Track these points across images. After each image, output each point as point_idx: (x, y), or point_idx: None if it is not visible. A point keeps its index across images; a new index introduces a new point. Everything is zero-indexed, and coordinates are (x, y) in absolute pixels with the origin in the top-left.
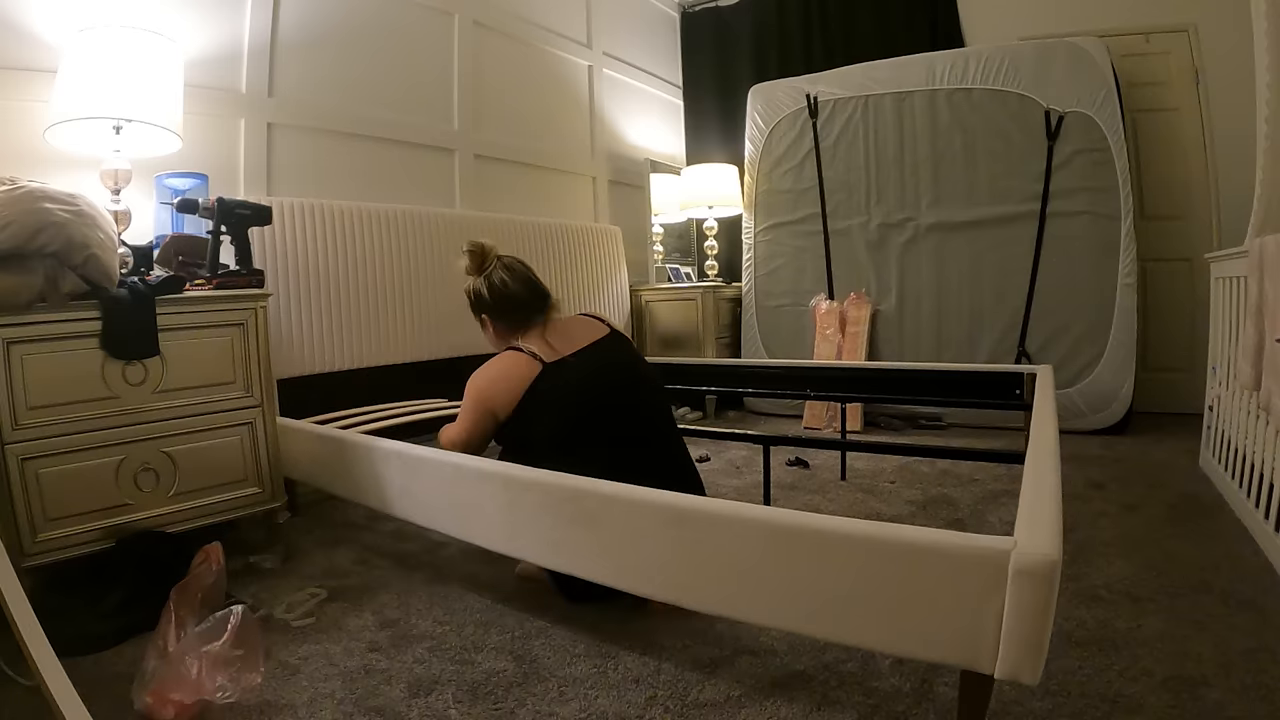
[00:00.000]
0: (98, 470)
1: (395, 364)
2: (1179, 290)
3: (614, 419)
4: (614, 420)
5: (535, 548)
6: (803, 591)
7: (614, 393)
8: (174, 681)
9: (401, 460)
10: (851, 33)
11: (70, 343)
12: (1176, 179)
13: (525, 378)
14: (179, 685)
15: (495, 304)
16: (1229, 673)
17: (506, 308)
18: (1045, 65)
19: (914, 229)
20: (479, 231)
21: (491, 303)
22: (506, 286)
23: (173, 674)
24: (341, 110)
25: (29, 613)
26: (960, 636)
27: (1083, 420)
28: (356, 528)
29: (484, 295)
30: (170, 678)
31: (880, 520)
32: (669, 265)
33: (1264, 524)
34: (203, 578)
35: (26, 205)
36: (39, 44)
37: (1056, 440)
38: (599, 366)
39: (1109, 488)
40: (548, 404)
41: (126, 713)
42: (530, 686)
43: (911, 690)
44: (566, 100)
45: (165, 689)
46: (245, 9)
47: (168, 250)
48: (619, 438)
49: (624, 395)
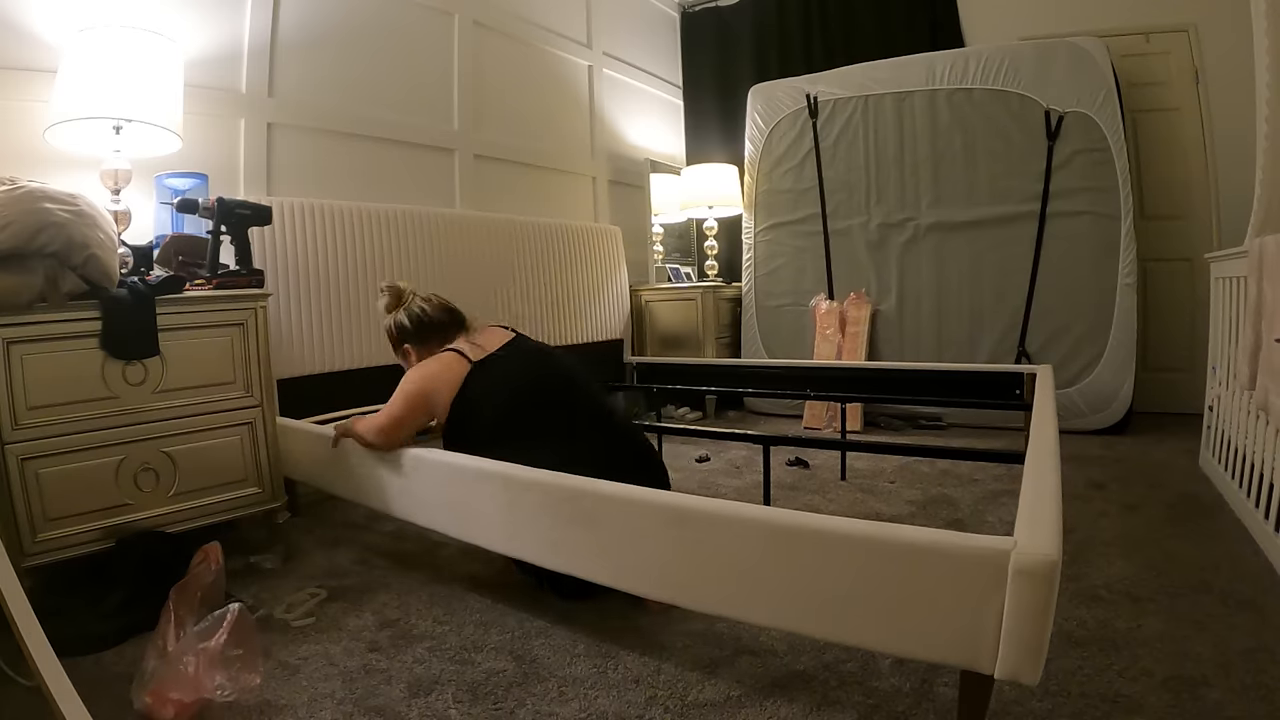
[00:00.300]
0: (98, 470)
1: (395, 364)
2: (1179, 290)
3: (550, 405)
4: (552, 407)
5: (535, 548)
6: (803, 591)
7: (544, 379)
8: (173, 681)
9: (401, 460)
10: (851, 33)
11: (70, 343)
12: (1176, 179)
13: (460, 375)
14: (178, 684)
15: (416, 330)
16: (1229, 673)
17: (426, 333)
18: (1045, 65)
19: (914, 229)
20: (479, 231)
21: (413, 330)
22: (425, 314)
23: (171, 673)
24: (341, 110)
25: (29, 613)
26: (960, 636)
27: (1083, 420)
28: (356, 528)
29: (405, 325)
30: (169, 677)
31: (880, 520)
32: (669, 265)
33: (1264, 524)
34: (202, 577)
35: (27, 205)
36: (39, 44)
37: (1056, 440)
38: (522, 358)
39: (1109, 488)
40: (482, 397)
41: (126, 713)
42: (530, 686)
43: (911, 690)
44: (566, 100)
45: (164, 688)
46: (245, 9)
47: (168, 250)
48: (559, 424)
49: (554, 380)
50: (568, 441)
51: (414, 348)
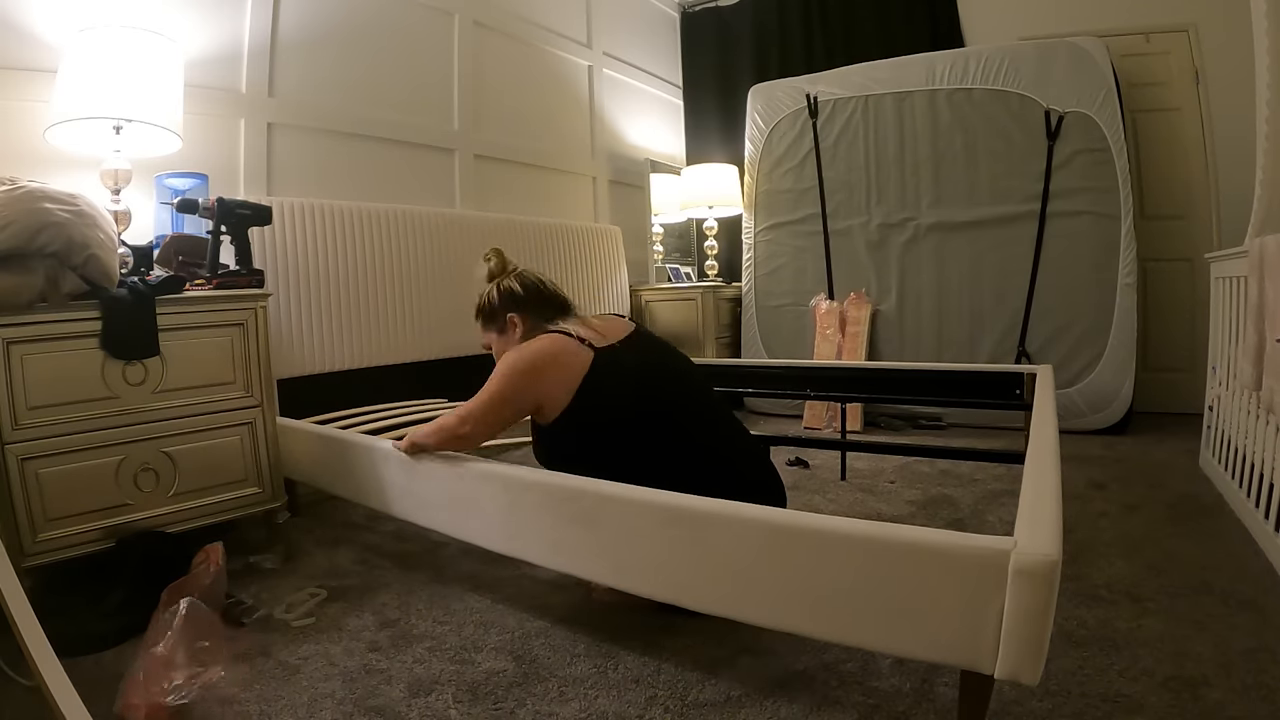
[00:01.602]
0: (98, 470)
1: (395, 364)
2: (1179, 290)
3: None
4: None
5: (535, 548)
6: (803, 591)
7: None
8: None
9: (401, 460)
10: (852, 33)
11: (70, 343)
12: (1176, 179)
13: (583, 361)
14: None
15: (529, 297)
16: (1229, 673)
17: (541, 304)
18: (1045, 65)
19: (914, 229)
20: (479, 231)
21: (525, 296)
22: (540, 282)
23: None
24: (341, 110)
25: (29, 613)
26: (960, 636)
27: (1083, 420)
28: (356, 528)
29: (517, 291)
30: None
31: (880, 520)
32: (669, 265)
33: (1264, 524)
34: (200, 578)
35: (27, 205)
36: (39, 44)
37: (1056, 440)
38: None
39: (1109, 488)
40: (608, 393)
41: None
42: (530, 686)
43: (911, 690)
44: (566, 100)
45: (130, 693)
46: (245, 9)
47: (168, 250)
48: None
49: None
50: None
51: (522, 319)
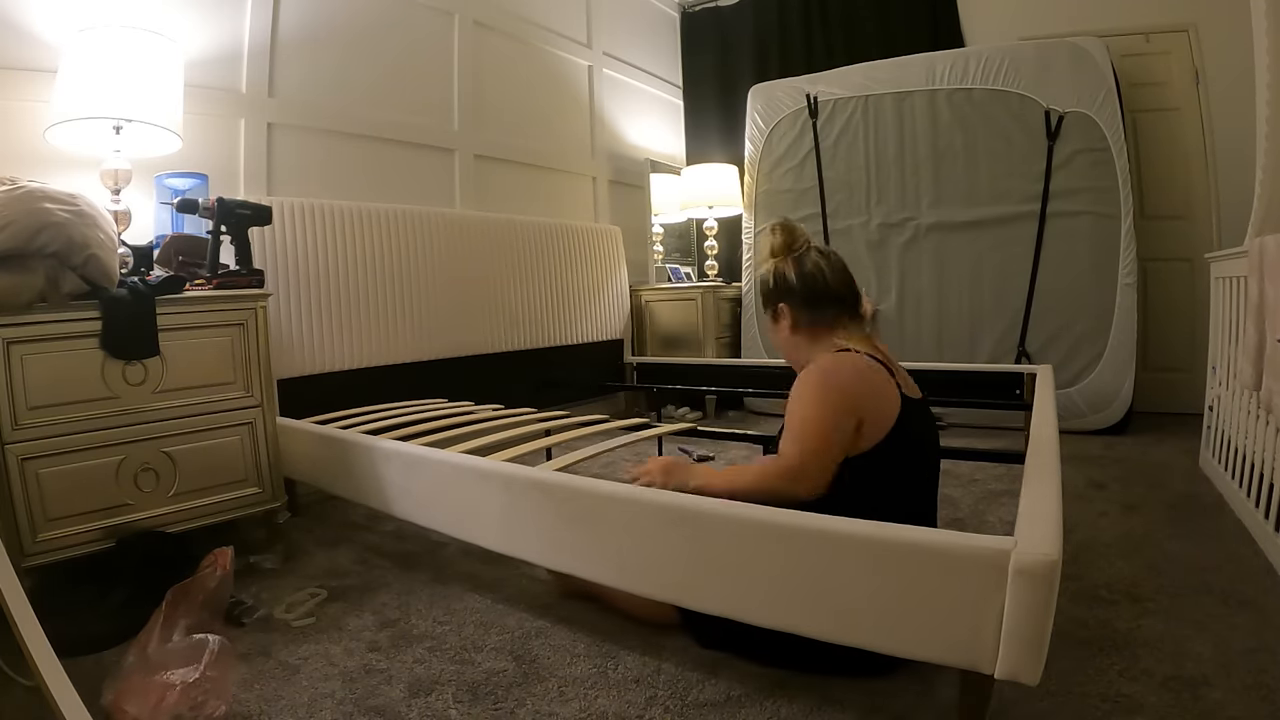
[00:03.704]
0: (98, 470)
1: (395, 364)
2: (1179, 290)
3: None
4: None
5: (535, 548)
6: (803, 591)
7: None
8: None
9: (401, 460)
10: (852, 32)
11: (70, 343)
12: (1176, 179)
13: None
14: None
15: (804, 294)
16: (1229, 673)
17: (819, 301)
18: (1045, 65)
19: (914, 229)
20: (479, 231)
21: (800, 291)
22: (823, 276)
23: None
24: (341, 110)
25: (29, 613)
26: (960, 636)
27: (1083, 420)
28: (356, 528)
29: (790, 281)
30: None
31: None
32: (669, 265)
33: (1264, 524)
34: (205, 581)
35: (27, 205)
36: (39, 44)
37: (1056, 440)
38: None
39: (1109, 488)
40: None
41: None
42: (530, 686)
43: (911, 690)
44: (566, 100)
45: (123, 699)
46: (245, 9)
47: (168, 250)
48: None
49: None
50: None
51: (793, 312)
